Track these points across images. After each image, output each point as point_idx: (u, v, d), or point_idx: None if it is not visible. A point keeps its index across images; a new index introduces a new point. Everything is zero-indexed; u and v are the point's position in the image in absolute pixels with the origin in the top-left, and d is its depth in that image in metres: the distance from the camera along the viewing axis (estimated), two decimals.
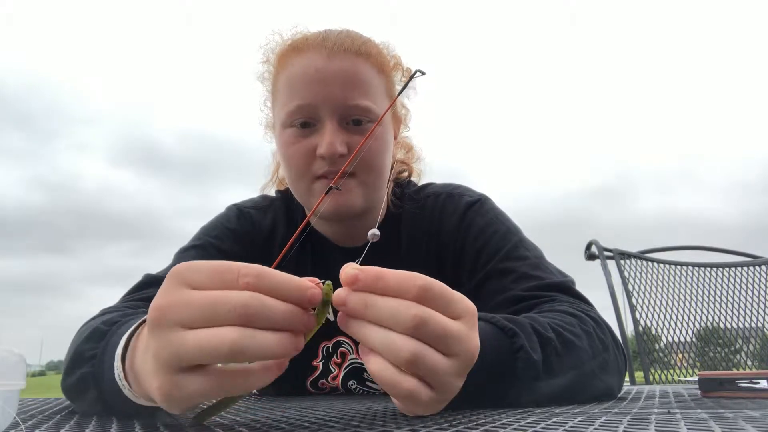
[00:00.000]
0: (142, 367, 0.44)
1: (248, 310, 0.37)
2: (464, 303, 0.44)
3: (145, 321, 0.46)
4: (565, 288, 0.77)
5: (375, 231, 0.49)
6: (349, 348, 0.91)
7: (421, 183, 1.02)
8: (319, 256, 0.93)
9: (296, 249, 0.90)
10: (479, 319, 0.58)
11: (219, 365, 0.40)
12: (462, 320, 0.43)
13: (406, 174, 1.02)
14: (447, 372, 0.42)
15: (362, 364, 0.91)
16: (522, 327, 0.57)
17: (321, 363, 0.92)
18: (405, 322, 0.40)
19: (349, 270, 0.41)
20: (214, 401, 0.47)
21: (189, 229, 0.96)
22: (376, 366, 0.42)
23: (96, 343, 0.56)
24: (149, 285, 0.79)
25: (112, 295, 0.80)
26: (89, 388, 0.55)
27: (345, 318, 0.42)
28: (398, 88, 0.91)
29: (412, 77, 0.72)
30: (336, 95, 0.80)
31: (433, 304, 0.42)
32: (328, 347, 0.91)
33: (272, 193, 1.02)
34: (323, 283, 0.42)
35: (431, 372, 0.41)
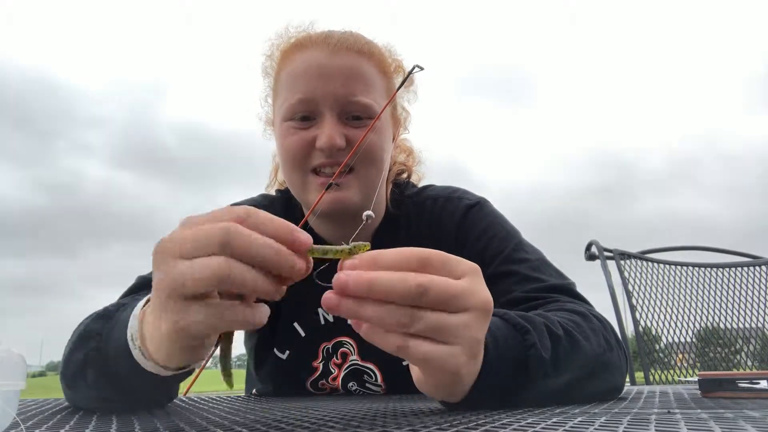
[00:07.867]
0: (152, 326, 0.48)
1: (228, 238, 0.40)
2: (466, 263, 0.46)
3: (149, 300, 0.50)
4: (566, 290, 0.78)
5: (369, 213, 0.50)
6: (351, 348, 0.91)
7: (421, 185, 1.02)
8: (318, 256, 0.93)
9: None
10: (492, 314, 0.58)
11: (217, 300, 0.43)
12: (466, 278, 0.45)
13: (405, 175, 1.02)
14: (460, 325, 0.43)
15: (362, 365, 0.91)
16: (534, 324, 0.57)
17: (321, 364, 0.92)
18: (408, 292, 0.41)
19: (346, 262, 0.43)
20: (221, 352, 0.48)
21: None
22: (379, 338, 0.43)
23: (105, 322, 0.60)
24: (144, 287, 0.79)
25: (113, 296, 0.80)
26: (94, 361, 0.58)
27: (344, 301, 0.42)
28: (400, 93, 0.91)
29: (410, 72, 0.72)
30: (337, 90, 0.81)
31: (435, 271, 0.43)
32: (328, 348, 0.91)
33: (272, 193, 1.03)
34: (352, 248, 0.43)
35: (438, 329, 0.43)
